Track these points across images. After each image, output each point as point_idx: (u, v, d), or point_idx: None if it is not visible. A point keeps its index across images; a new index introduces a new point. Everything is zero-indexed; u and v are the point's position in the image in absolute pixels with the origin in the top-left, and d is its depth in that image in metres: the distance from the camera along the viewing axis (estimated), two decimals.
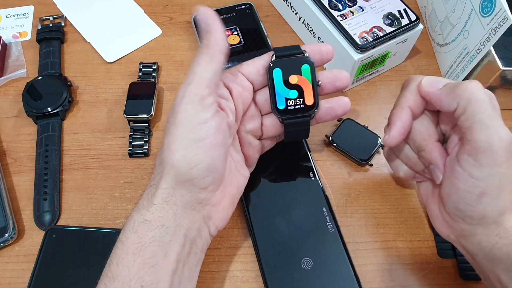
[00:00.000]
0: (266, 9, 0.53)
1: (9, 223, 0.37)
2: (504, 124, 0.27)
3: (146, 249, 0.27)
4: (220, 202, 0.30)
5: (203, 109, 0.27)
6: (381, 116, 0.45)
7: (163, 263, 0.27)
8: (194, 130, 0.27)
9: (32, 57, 0.49)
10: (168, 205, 0.28)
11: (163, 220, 0.28)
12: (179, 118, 0.27)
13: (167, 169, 0.28)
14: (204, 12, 0.29)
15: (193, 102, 0.27)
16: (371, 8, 0.44)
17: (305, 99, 0.33)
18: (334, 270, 0.35)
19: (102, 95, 0.46)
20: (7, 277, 0.36)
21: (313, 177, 0.39)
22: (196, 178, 0.28)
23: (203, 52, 0.28)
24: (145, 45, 0.50)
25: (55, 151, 0.42)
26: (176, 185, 0.28)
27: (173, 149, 0.27)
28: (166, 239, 0.27)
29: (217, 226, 0.31)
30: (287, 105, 0.33)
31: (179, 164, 0.27)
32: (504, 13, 0.36)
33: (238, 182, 0.33)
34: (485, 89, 0.28)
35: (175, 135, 0.27)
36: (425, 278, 0.36)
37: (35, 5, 0.53)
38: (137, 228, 0.27)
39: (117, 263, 0.26)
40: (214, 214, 0.30)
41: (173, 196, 0.28)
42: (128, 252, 0.27)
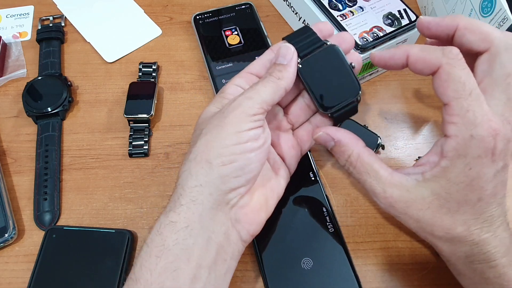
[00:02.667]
0: (266, 9, 0.53)
1: (9, 223, 0.37)
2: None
3: (169, 252, 0.26)
4: (248, 204, 0.29)
5: (250, 121, 0.28)
6: (381, 116, 0.45)
7: (184, 268, 0.26)
8: (238, 134, 0.28)
9: (32, 57, 0.49)
10: (195, 205, 0.27)
11: (188, 221, 0.27)
12: (226, 122, 0.28)
13: (200, 165, 0.28)
14: (289, 48, 0.31)
15: (245, 113, 0.28)
16: (371, 8, 0.44)
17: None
18: (334, 270, 0.35)
19: (102, 95, 0.46)
20: (7, 277, 0.36)
21: (313, 177, 0.39)
22: (228, 176, 0.27)
23: (273, 81, 0.30)
24: (145, 45, 0.50)
25: (55, 151, 0.42)
26: (206, 182, 0.27)
27: (212, 146, 0.28)
28: (189, 242, 0.27)
29: (249, 231, 0.30)
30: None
31: (214, 160, 0.27)
32: (504, 13, 0.36)
33: (272, 183, 0.32)
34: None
35: (216, 135, 0.28)
36: (425, 278, 0.36)
37: (35, 5, 0.53)
38: (162, 230, 0.27)
39: (141, 265, 0.26)
40: (243, 217, 0.29)
41: (201, 194, 0.27)
42: (151, 255, 0.26)
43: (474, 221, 0.27)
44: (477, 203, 0.27)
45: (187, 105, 0.46)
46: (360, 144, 0.31)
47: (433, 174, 0.28)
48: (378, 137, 0.41)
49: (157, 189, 0.40)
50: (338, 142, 0.31)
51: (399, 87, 0.47)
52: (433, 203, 0.28)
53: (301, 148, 0.35)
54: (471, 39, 0.29)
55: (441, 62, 0.27)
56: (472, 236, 0.27)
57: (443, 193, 0.27)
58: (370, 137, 0.42)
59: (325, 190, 0.39)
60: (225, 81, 0.46)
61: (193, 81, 0.47)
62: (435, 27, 0.31)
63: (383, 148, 0.42)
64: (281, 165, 0.34)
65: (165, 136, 0.44)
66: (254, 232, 0.30)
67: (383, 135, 0.43)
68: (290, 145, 0.34)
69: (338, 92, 0.32)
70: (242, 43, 0.48)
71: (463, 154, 0.26)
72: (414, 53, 0.28)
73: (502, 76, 0.27)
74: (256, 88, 0.29)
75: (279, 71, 0.30)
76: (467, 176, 0.26)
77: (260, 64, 0.32)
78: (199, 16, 0.50)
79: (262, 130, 0.29)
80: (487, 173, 0.26)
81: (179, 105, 0.46)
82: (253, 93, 0.29)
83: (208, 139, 0.28)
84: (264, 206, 0.31)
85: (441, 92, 0.27)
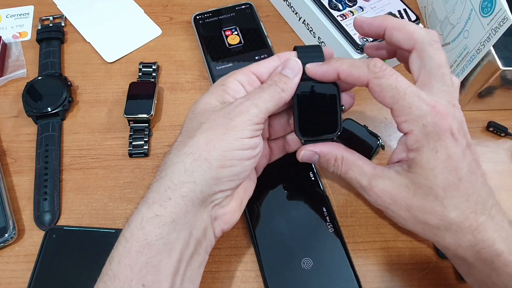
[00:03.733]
0: (266, 9, 0.53)
1: (9, 223, 0.37)
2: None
3: (151, 247, 0.26)
4: (228, 204, 0.30)
5: (253, 129, 0.29)
6: (381, 116, 0.45)
7: (166, 262, 0.26)
8: (241, 140, 0.28)
9: (32, 57, 0.49)
10: (183, 200, 0.27)
11: (174, 216, 0.27)
12: (232, 124, 0.28)
13: (197, 163, 0.27)
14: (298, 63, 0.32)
15: (251, 121, 0.29)
16: (371, 8, 0.44)
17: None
18: (334, 270, 0.35)
19: (102, 95, 0.46)
20: (7, 277, 0.36)
21: (313, 177, 0.39)
22: (223, 179, 0.28)
23: (278, 92, 0.30)
24: (145, 45, 0.50)
25: (55, 151, 0.42)
26: (200, 181, 0.27)
27: (214, 147, 0.28)
28: (172, 236, 0.26)
29: (222, 228, 0.31)
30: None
31: (215, 161, 0.27)
32: (504, 13, 0.36)
33: (247, 187, 0.33)
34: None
35: (221, 136, 0.28)
36: (425, 278, 0.36)
37: (35, 5, 0.53)
38: (144, 224, 0.26)
39: (119, 261, 0.26)
40: (222, 216, 0.30)
41: (192, 191, 0.27)
42: (131, 250, 0.26)
43: (466, 204, 0.28)
44: (459, 184, 0.28)
45: (187, 105, 0.46)
46: (341, 147, 0.33)
47: (408, 165, 0.29)
48: (378, 137, 0.41)
49: None
50: (320, 153, 0.33)
51: None
52: (417, 191, 0.29)
53: (270, 158, 0.36)
54: (399, 38, 0.31)
55: (369, 78, 0.29)
56: (469, 221, 0.28)
57: (423, 181, 0.28)
58: (370, 137, 0.42)
59: (325, 190, 0.39)
60: None
61: (193, 81, 0.47)
62: (367, 27, 0.33)
63: (383, 148, 0.42)
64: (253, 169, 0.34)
65: (165, 136, 0.44)
66: (226, 230, 0.31)
67: (383, 135, 0.43)
68: (265, 153, 0.36)
69: (320, 126, 0.33)
70: (242, 43, 0.48)
71: (425, 142, 0.28)
72: (344, 70, 0.30)
73: (435, 67, 0.29)
74: (263, 96, 0.30)
75: (285, 83, 0.31)
76: (438, 159, 0.28)
77: (265, 67, 0.32)
78: (199, 16, 0.50)
79: (260, 139, 0.30)
80: (455, 151, 0.27)
81: (179, 105, 0.46)
82: (259, 101, 0.29)
83: (211, 137, 0.28)
84: (239, 208, 0.32)
85: (381, 101, 0.29)
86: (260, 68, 0.32)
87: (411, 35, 0.30)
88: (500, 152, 0.43)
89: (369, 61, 0.30)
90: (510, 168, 0.42)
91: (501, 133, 0.44)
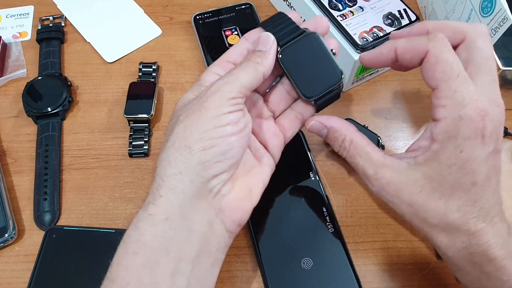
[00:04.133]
0: (266, 9, 0.53)
1: (9, 223, 0.37)
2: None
3: (146, 247, 0.25)
4: (230, 192, 0.28)
5: (230, 105, 0.28)
6: (381, 116, 0.45)
7: (163, 262, 0.25)
8: (217, 118, 0.27)
9: (32, 57, 0.49)
10: (173, 193, 0.26)
11: (167, 212, 0.26)
12: (205, 106, 0.27)
13: (178, 152, 0.27)
14: (269, 36, 0.30)
15: (224, 97, 0.27)
16: (371, 8, 0.44)
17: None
18: (334, 270, 0.35)
19: (102, 95, 0.46)
20: (7, 277, 0.36)
21: (313, 177, 0.39)
22: (209, 161, 0.26)
23: (251, 66, 0.29)
24: (145, 45, 0.50)
25: (55, 151, 0.42)
26: (185, 169, 0.26)
27: (191, 131, 0.27)
28: (168, 234, 0.26)
29: (234, 220, 0.28)
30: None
31: (194, 145, 0.26)
32: (504, 13, 0.36)
33: (255, 171, 0.31)
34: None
35: (196, 119, 0.27)
36: (425, 278, 0.36)
37: (35, 5, 0.53)
38: (139, 224, 0.26)
39: (117, 263, 0.26)
40: (226, 205, 0.28)
41: (180, 182, 0.26)
42: (128, 252, 0.25)
43: (470, 208, 0.27)
44: (471, 188, 0.27)
45: None
46: (352, 129, 0.32)
47: (424, 158, 0.28)
48: (378, 137, 0.41)
49: None
50: (331, 129, 0.31)
51: (399, 87, 0.47)
52: (426, 186, 0.28)
53: (284, 135, 0.34)
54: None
55: (428, 47, 0.27)
56: (468, 225, 0.27)
57: (436, 176, 0.27)
58: (370, 137, 0.41)
59: (325, 190, 0.39)
60: None
61: (193, 81, 0.47)
62: (407, 36, 0.32)
63: (383, 148, 0.42)
64: (264, 153, 0.33)
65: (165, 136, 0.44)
66: (240, 222, 0.29)
67: (383, 135, 0.43)
68: (272, 132, 0.33)
69: (321, 80, 0.32)
70: None
71: (453, 136, 0.26)
72: (401, 45, 0.29)
73: (483, 59, 0.28)
74: (235, 72, 0.29)
75: (258, 57, 0.30)
76: (459, 158, 0.26)
77: (236, 52, 0.32)
78: (199, 16, 0.50)
79: (241, 114, 0.28)
80: (478, 155, 0.26)
81: None
82: (232, 78, 0.28)
83: (186, 124, 0.27)
84: (248, 195, 0.30)
85: (430, 76, 0.27)
86: (232, 54, 0.32)
87: (458, 30, 0.29)
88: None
89: (428, 35, 0.28)
90: (510, 168, 0.42)
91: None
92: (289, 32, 0.32)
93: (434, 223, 0.28)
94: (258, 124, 0.33)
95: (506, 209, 0.34)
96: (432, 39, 0.28)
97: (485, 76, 0.28)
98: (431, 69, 0.27)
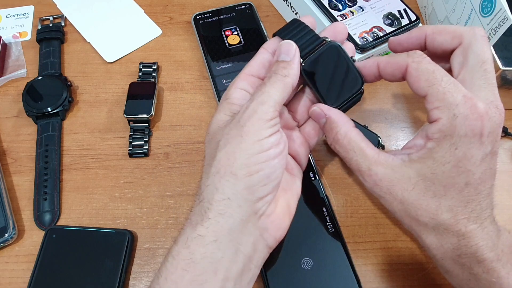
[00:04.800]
0: (266, 9, 0.53)
1: (9, 223, 0.37)
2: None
3: (196, 266, 0.26)
4: (274, 211, 0.29)
5: (269, 127, 0.28)
6: (381, 116, 0.45)
7: (211, 281, 0.26)
8: (259, 142, 0.27)
9: (32, 57, 0.49)
10: (223, 218, 0.27)
11: (216, 235, 0.27)
12: (245, 131, 0.28)
13: (225, 178, 0.27)
14: (291, 44, 0.30)
15: (262, 119, 0.28)
16: (371, 8, 0.44)
17: None
18: (334, 270, 0.35)
19: (102, 95, 0.46)
20: (7, 277, 0.36)
21: (313, 177, 0.39)
22: (256, 186, 0.27)
23: (280, 79, 0.29)
24: (145, 45, 0.50)
25: (55, 151, 0.42)
26: (233, 195, 0.27)
27: (235, 158, 0.27)
28: (217, 255, 0.27)
29: (275, 237, 0.30)
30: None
31: (239, 171, 0.27)
32: (504, 13, 0.36)
33: (291, 186, 0.32)
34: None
35: (237, 145, 0.28)
36: (425, 278, 0.36)
37: (35, 5, 0.53)
38: (189, 243, 0.27)
39: (166, 277, 0.26)
40: (270, 224, 0.29)
41: (229, 207, 0.27)
42: (177, 267, 0.26)
43: (462, 209, 0.27)
44: (464, 189, 0.26)
45: (187, 105, 0.46)
46: (350, 124, 0.31)
47: (419, 155, 0.28)
48: (378, 137, 0.41)
49: (157, 189, 0.40)
50: (328, 119, 0.31)
51: (399, 87, 0.47)
52: (419, 184, 0.27)
53: (309, 143, 0.35)
54: (442, 40, 0.30)
55: (407, 62, 0.28)
56: (458, 226, 0.27)
57: (429, 174, 0.27)
58: (370, 137, 0.42)
59: (325, 190, 0.39)
60: (225, 81, 0.46)
61: (193, 81, 0.47)
62: (406, 41, 0.32)
63: (383, 148, 0.42)
64: (294, 164, 0.33)
65: (165, 136, 0.44)
66: (280, 238, 0.30)
67: (383, 135, 0.43)
68: (300, 142, 0.34)
69: (344, 87, 0.32)
70: (242, 43, 0.48)
71: (449, 134, 0.26)
72: (383, 60, 0.30)
73: (478, 63, 0.28)
74: (266, 90, 0.29)
75: (284, 68, 0.30)
76: (454, 155, 0.26)
77: (258, 64, 0.32)
78: (199, 16, 0.50)
79: (280, 134, 0.29)
80: (474, 154, 0.26)
81: (179, 105, 0.46)
82: (265, 97, 0.28)
83: (229, 151, 0.28)
84: (287, 211, 0.31)
85: (416, 87, 0.28)
86: (254, 67, 0.32)
87: (455, 33, 0.29)
88: (500, 152, 0.43)
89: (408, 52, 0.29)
90: (510, 168, 0.42)
91: (501, 133, 0.44)
92: (309, 42, 0.32)
93: (425, 221, 0.28)
94: (288, 136, 0.33)
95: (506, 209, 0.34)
96: (410, 54, 0.29)
97: (480, 79, 0.28)
98: (415, 81, 0.28)
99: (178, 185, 0.41)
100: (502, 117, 0.27)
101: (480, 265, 0.27)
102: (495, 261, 0.27)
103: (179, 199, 0.40)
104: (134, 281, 0.36)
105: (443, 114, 0.26)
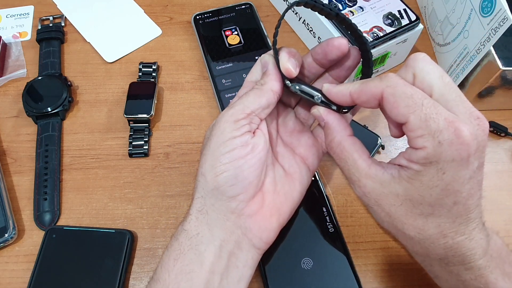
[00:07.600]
0: (266, 9, 0.53)
1: (9, 223, 0.37)
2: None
3: (184, 256, 0.29)
4: (257, 212, 0.30)
5: (234, 129, 0.29)
6: (381, 116, 0.45)
7: (198, 272, 0.28)
8: (225, 143, 0.29)
9: (32, 57, 0.49)
10: (201, 214, 0.29)
11: (197, 229, 0.29)
12: (213, 134, 0.29)
13: (198, 179, 0.30)
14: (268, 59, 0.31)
15: (228, 121, 0.29)
16: (371, 8, 0.44)
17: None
18: (334, 270, 0.35)
19: (102, 95, 0.46)
20: (7, 277, 0.36)
21: (313, 177, 0.39)
22: (222, 186, 0.28)
23: (256, 88, 0.30)
24: (145, 45, 0.50)
25: (55, 151, 0.42)
26: (205, 194, 0.29)
27: (205, 160, 0.29)
28: (201, 248, 0.29)
29: (262, 238, 0.30)
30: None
31: (207, 173, 0.29)
32: (504, 13, 0.36)
33: (285, 189, 0.32)
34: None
35: (207, 148, 0.29)
36: (425, 278, 0.36)
37: (35, 5, 0.53)
38: (178, 236, 0.29)
39: (161, 266, 0.29)
40: (253, 225, 0.30)
41: (204, 205, 0.29)
42: (170, 258, 0.29)
43: (449, 225, 0.26)
44: (452, 207, 0.26)
45: (187, 105, 0.46)
46: (346, 132, 0.30)
47: (407, 175, 0.26)
48: (378, 137, 0.41)
49: (157, 189, 0.40)
50: (326, 124, 0.31)
51: None
52: (406, 202, 0.27)
53: (322, 146, 0.34)
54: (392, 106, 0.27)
55: (382, 88, 0.26)
56: (445, 239, 0.26)
57: (416, 195, 0.26)
58: (370, 137, 0.42)
59: (325, 190, 0.39)
60: (225, 81, 0.46)
61: (193, 81, 0.47)
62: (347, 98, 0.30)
63: (383, 148, 0.42)
64: (298, 168, 0.33)
65: (165, 136, 0.44)
66: (267, 239, 0.31)
67: (383, 135, 0.43)
68: (310, 144, 0.34)
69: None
70: (242, 43, 0.48)
71: (435, 161, 0.25)
72: (356, 90, 0.28)
73: (438, 80, 0.26)
74: (241, 99, 0.30)
75: (262, 79, 0.31)
76: (441, 180, 0.25)
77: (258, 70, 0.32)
78: (199, 16, 0.50)
79: (249, 136, 0.29)
80: (462, 175, 0.25)
81: (179, 105, 0.46)
82: (236, 102, 0.30)
83: (202, 152, 0.30)
84: (276, 213, 0.31)
85: (395, 113, 0.26)
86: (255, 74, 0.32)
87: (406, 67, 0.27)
88: (500, 152, 0.43)
89: (381, 75, 0.27)
90: (510, 168, 0.42)
91: (501, 133, 0.44)
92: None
93: (411, 235, 0.28)
94: (296, 139, 0.34)
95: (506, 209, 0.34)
96: (383, 78, 0.26)
97: (449, 94, 0.26)
98: (393, 107, 0.26)
99: (178, 185, 0.41)
100: (486, 129, 0.25)
101: (468, 272, 0.27)
102: (483, 268, 0.27)
103: (179, 199, 0.40)
104: (134, 281, 0.36)
105: (428, 142, 0.25)
